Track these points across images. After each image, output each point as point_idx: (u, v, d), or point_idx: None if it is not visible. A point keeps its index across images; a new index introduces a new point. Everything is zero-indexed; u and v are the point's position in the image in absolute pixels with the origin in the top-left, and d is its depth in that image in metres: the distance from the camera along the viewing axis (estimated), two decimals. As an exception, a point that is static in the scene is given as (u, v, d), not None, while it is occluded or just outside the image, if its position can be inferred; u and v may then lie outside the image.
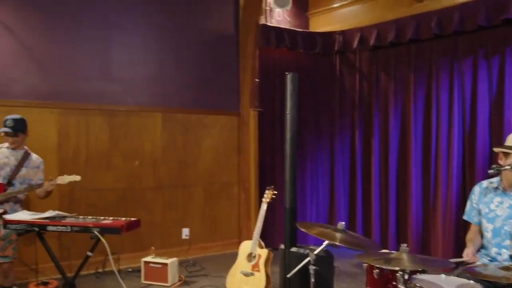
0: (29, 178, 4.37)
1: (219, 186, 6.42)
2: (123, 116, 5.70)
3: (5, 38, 5.01)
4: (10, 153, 4.32)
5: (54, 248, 4.27)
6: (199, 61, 6.23)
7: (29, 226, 3.70)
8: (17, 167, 4.30)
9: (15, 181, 4.29)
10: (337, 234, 3.05)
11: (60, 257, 4.36)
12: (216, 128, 6.39)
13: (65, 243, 5.14)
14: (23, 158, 4.35)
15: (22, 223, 3.70)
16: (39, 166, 4.47)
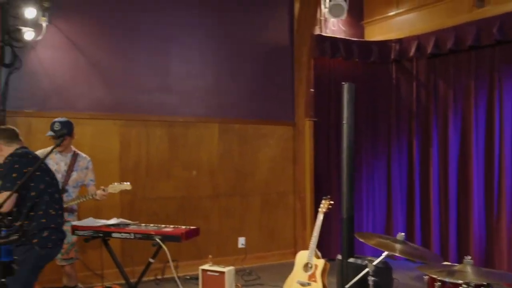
0: (81, 180, 4.39)
1: (275, 195, 6.47)
2: (182, 127, 5.86)
3: (73, 54, 5.30)
4: (59, 159, 4.32)
5: (117, 254, 4.41)
6: (255, 72, 6.33)
7: (95, 232, 3.87)
8: (68, 172, 4.30)
9: (68, 187, 4.30)
10: (396, 245, 3.01)
11: (123, 263, 4.49)
12: (272, 138, 6.45)
13: (127, 249, 5.32)
14: (71, 161, 4.33)
15: (89, 229, 3.88)
16: (87, 166, 4.44)
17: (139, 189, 5.56)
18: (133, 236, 3.80)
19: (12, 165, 3.10)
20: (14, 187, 3.01)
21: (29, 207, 3.14)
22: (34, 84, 5.12)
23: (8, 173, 3.08)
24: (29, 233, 3.11)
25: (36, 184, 3.18)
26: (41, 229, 3.17)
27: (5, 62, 4.92)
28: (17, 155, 3.20)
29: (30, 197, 3.14)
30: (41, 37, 5.05)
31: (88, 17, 5.40)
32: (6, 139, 3.28)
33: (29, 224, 3.13)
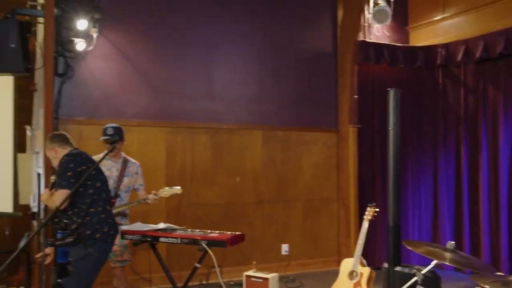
0: (131, 185, 4.49)
1: (319, 202, 6.44)
2: (226, 134, 5.94)
3: (121, 64, 5.48)
4: (110, 165, 4.42)
5: (162, 258, 4.47)
6: (298, 79, 6.35)
7: (143, 237, 3.96)
8: (119, 178, 4.41)
9: (120, 192, 4.41)
10: (446, 254, 2.94)
11: (168, 268, 4.54)
12: (315, 144, 6.44)
13: (172, 254, 5.42)
14: (122, 167, 4.44)
15: (137, 233, 3.97)
16: (137, 171, 4.54)
17: (184, 195, 5.62)
18: (180, 241, 3.86)
19: (68, 165, 3.24)
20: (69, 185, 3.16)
21: (88, 204, 3.26)
22: (85, 92, 5.31)
23: (63, 172, 3.22)
24: (91, 228, 3.23)
25: (93, 182, 3.32)
26: (102, 224, 3.29)
27: (58, 72, 5.12)
28: (72, 154, 3.35)
29: (88, 194, 3.27)
30: (91, 48, 5.25)
31: (136, 27, 5.57)
32: (60, 142, 3.46)
33: (90, 219, 3.25)
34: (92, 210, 3.27)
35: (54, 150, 3.42)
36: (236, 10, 6.05)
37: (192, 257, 5.39)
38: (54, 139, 3.48)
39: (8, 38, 4.48)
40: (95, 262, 3.28)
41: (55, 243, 2.81)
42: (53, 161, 3.44)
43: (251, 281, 5.13)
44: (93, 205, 3.29)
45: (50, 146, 3.44)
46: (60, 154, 3.39)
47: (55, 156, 3.41)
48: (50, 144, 3.45)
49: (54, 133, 3.62)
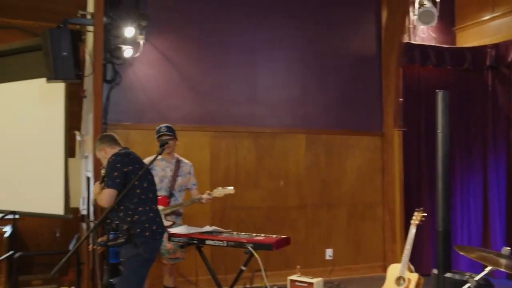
0: (184, 184, 4.61)
1: (363, 206, 6.36)
2: (269, 137, 5.95)
3: (167, 69, 5.59)
4: (165, 165, 4.53)
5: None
6: (341, 82, 6.31)
7: (190, 239, 4.01)
8: (173, 178, 4.52)
9: (174, 191, 4.53)
10: (501, 260, 2.84)
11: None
12: (359, 148, 6.36)
13: (216, 257, 5.46)
14: (176, 167, 4.55)
15: (184, 236, 4.03)
16: (190, 171, 4.65)
17: (228, 199, 5.66)
18: (226, 243, 3.89)
19: (115, 165, 3.33)
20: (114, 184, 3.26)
21: (136, 203, 3.34)
22: (131, 98, 5.44)
23: (110, 172, 3.31)
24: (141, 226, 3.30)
25: (140, 183, 3.39)
26: (150, 222, 3.37)
27: (106, 78, 5.27)
28: (119, 155, 3.44)
29: (135, 194, 3.35)
30: (138, 54, 5.38)
31: (181, 33, 5.68)
32: (109, 143, 3.56)
33: (139, 218, 3.32)
34: (140, 209, 3.35)
35: (104, 151, 3.53)
36: (280, 15, 6.07)
37: (236, 260, 5.44)
38: (103, 139, 3.59)
39: (60, 46, 4.64)
40: (145, 261, 3.35)
41: (107, 244, 2.89)
42: (103, 161, 3.55)
43: (296, 286, 5.10)
44: (141, 204, 3.37)
45: (100, 147, 3.55)
46: (110, 154, 3.49)
47: (105, 156, 3.51)
48: (100, 145, 3.56)
49: (103, 134, 3.74)
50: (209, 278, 4.42)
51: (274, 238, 3.91)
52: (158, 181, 4.31)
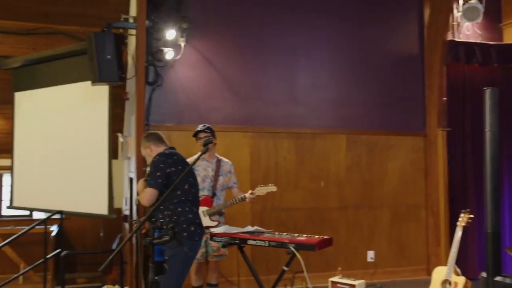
0: (226, 184, 4.67)
1: (406, 208, 6.23)
2: (309, 138, 5.92)
3: (207, 71, 5.64)
4: (206, 165, 4.60)
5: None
6: (383, 82, 6.21)
7: (232, 239, 4.02)
8: (215, 177, 4.59)
9: (216, 191, 4.59)
10: (556, 263, 2.72)
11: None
12: (401, 149, 6.25)
13: (257, 258, 5.45)
14: (217, 167, 4.62)
15: (226, 236, 4.04)
16: (230, 170, 4.71)
17: (268, 199, 5.70)
18: (268, 243, 3.87)
19: (158, 164, 3.37)
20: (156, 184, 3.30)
21: (175, 204, 3.38)
22: (173, 100, 5.52)
23: (153, 171, 3.35)
24: (179, 227, 3.34)
25: (181, 184, 3.43)
26: (189, 223, 3.41)
27: (148, 80, 5.37)
28: (164, 155, 3.47)
29: (176, 195, 3.39)
30: (179, 56, 5.45)
31: (221, 35, 5.72)
32: (155, 141, 3.61)
33: (178, 218, 3.37)
34: (179, 209, 3.38)
35: (149, 149, 3.57)
36: (320, 14, 6.04)
37: (277, 261, 5.43)
38: (149, 138, 3.63)
39: (105, 50, 4.76)
40: (187, 259, 3.39)
41: (153, 242, 2.92)
42: (148, 158, 3.59)
43: (337, 287, 5.06)
44: (181, 205, 3.40)
45: (146, 145, 3.59)
46: (155, 152, 3.54)
47: (150, 154, 3.56)
48: (146, 142, 3.60)
49: (149, 132, 3.77)
50: (250, 279, 4.43)
51: (316, 238, 3.87)
52: (200, 181, 4.36)
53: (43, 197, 6.22)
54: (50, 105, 6.17)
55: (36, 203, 6.39)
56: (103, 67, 4.84)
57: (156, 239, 2.91)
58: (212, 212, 4.51)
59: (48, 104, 6.20)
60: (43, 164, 6.23)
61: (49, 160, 6.17)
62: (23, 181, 6.56)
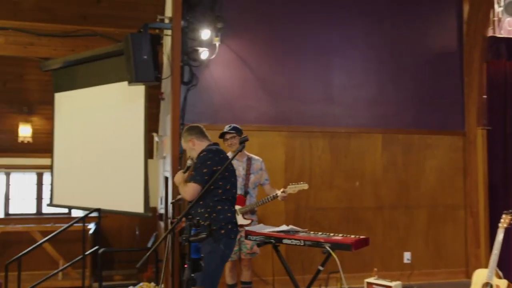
0: (257, 181, 4.68)
1: (443, 209, 6.09)
2: (344, 137, 5.86)
3: (242, 70, 5.65)
4: (237, 164, 4.58)
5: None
6: (419, 80, 6.10)
7: (267, 238, 4.00)
8: (247, 176, 4.61)
9: (248, 189, 4.62)
10: None
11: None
12: (439, 148, 6.11)
13: (291, 257, 5.43)
14: (247, 165, 4.64)
15: (261, 235, 4.03)
16: (261, 167, 4.71)
17: (302, 199, 5.68)
18: (303, 243, 3.84)
19: (206, 161, 3.37)
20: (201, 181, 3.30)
21: (216, 201, 3.40)
22: (207, 99, 5.55)
23: (200, 167, 3.35)
24: (217, 224, 3.36)
25: (224, 183, 3.45)
26: (227, 222, 3.43)
27: (184, 80, 5.42)
28: (211, 151, 3.47)
29: (217, 193, 3.40)
30: (214, 56, 5.48)
31: (255, 34, 5.72)
32: (197, 135, 3.61)
33: (217, 216, 3.39)
34: (219, 207, 3.40)
35: (191, 142, 3.58)
36: (354, 12, 5.97)
37: (311, 261, 5.39)
38: (192, 131, 3.63)
39: (141, 50, 4.84)
40: (223, 257, 3.41)
41: (189, 239, 2.94)
42: (190, 152, 3.58)
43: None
44: (221, 203, 3.42)
45: (188, 138, 3.59)
46: (198, 146, 3.55)
47: (192, 147, 3.56)
48: (188, 136, 3.60)
49: (191, 126, 3.74)
50: (284, 279, 4.40)
51: (352, 238, 3.82)
52: None
53: (81, 195, 6.36)
54: (88, 105, 6.30)
55: (75, 201, 6.54)
56: (140, 67, 4.91)
57: (193, 237, 2.93)
58: (245, 211, 4.53)
59: (86, 104, 6.34)
60: (82, 163, 6.38)
61: (87, 159, 6.30)
62: (63, 180, 6.73)
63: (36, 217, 9.51)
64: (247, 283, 4.71)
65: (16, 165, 9.27)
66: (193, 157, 3.58)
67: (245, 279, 4.69)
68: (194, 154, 3.56)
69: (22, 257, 5.38)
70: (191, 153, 3.60)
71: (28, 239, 7.84)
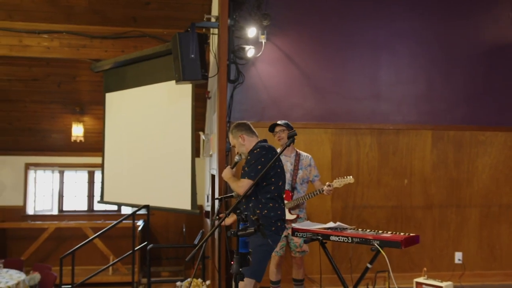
0: (305, 177, 4.65)
1: (498, 208, 5.87)
2: (392, 134, 5.75)
3: (288, 68, 5.64)
4: (284, 160, 4.58)
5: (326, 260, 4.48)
6: (472, 75, 5.91)
7: (314, 235, 3.99)
8: (294, 171, 4.59)
9: (296, 185, 4.61)
10: None
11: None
12: (492, 145, 5.90)
13: (338, 255, 5.38)
14: (296, 161, 4.62)
15: (308, 231, 4.02)
16: (310, 163, 4.68)
17: (349, 197, 5.62)
18: (351, 240, 3.80)
19: (260, 158, 3.39)
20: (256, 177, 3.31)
21: (268, 199, 3.42)
22: (254, 96, 5.57)
23: (255, 163, 3.37)
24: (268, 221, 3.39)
25: (276, 180, 3.47)
26: (277, 219, 3.45)
27: (230, 78, 5.46)
28: (265, 148, 3.49)
29: (270, 190, 3.42)
30: (260, 54, 5.50)
31: (301, 31, 5.69)
32: (247, 131, 3.65)
33: (268, 213, 3.40)
34: (270, 205, 3.42)
35: (241, 138, 3.60)
36: (402, 7, 5.84)
37: (358, 259, 5.34)
38: (241, 127, 3.66)
39: (189, 49, 4.91)
40: (270, 251, 3.44)
41: (237, 234, 2.97)
42: (240, 148, 3.60)
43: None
44: (272, 201, 3.44)
45: (238, 134, 3.61)
46: (247, 142, 3.57)
47: (242, 143, 3.58)
48: (237, 132, 3.62)
49: (239, 122, 3.76)
50: (331, 277, 4.38)
51: (402, 236, 3.73)
52: None
53: (130, 192, 6.53)
54: (137, 104, 6.46)
55: (124, 199, 6.72)
56: (187, 66, 4.99)
57: (241, 231, 2.95)
58: (291, 206, 4.52)
59: (135, 104, 6.49)
60: (131, 161, 6.54)
61: (136, 157, 6.46)
62: (112, 178, 6.93)
63: (87, 214, 9.86)
64: (299, 280, 4.70)
65: (69, 164, 9.64)
66: (243, 152, 3.60)
67: (297, 277, 4.68)
68: (244, 149, 3.59)
69: (75, 252, 5.58)
70: (241, 149, 3.62)
71: (80, 235, 8.14)
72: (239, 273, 2.96)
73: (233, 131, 3.67)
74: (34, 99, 8.36)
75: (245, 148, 3.58)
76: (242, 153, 3.60)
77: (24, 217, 9.19)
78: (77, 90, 8.35)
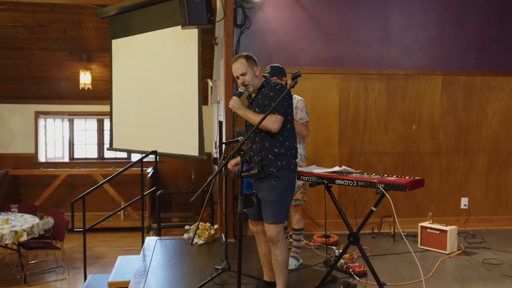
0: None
1: (506, 154, 5.85)
2: (401, 80, 5.67)
3: (295, 12, 5.51)
4: None
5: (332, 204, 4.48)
6: (485, 19, 5.74)
7: (319, 178, 3.98)
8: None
9: None
10: None
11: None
12: (504, 90, 5.81)
13: (344, 201, 5.43)
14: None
15: (313, 175, 4.03)
16: (297, 105, 4.36)
17: (357, 142, 5.62)
18: (356, 183, 3.79)
19: (284, 95, 3.26)
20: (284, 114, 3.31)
21: (285, 137, 3.41)
22: (261, 41, 5.48)
23: (282, 101, 3.25)
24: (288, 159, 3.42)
25: (291, 118, 3.47)
26: (294, 157, 3.49)
27: (237, 22, 5.36)
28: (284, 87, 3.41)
29: (286, 128, 3.40)
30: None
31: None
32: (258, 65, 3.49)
33: (285, 151, 3.40)
34: (288, 143, 3.42)
35: (257, 70, 3.46)
36: None
37: (363, 204, 5.37)
38: (254, 60, 3.47)
39: (194, -8, 4.80)
40: (293, 191, 3.57)
41: (241, 175, 3.00)
42: (252, 79, 3.41)
43: (427, 233, 4.92)
44: (289, 138, 3.44)
45: (253, 65, 3.41)
46: (260, 77, 3.45)
47: (257, 75, 3.45)
48: (253, 63, 3.41)
49: (251, 55, 3.52)
50: (337, 222, 4.41)
51: (407, 179, 3.73)
52: None
53: (138, 139, 6.58)
54: (144, 51, 6.40)
55: (133, 145, 6.78)
56: (193, 10, 4.90)
57: (244, 172, 2.98)
58: None
59: (142, 50, 6.43)
60: (138, 108, 6.56)
61: (143, 104, 6.47)
62: (121, 125, 6.97)
63: (98, 161, 9.99)
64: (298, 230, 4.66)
65: (79, 112, 9.70)
66: (253, 84, 3.45)
67: (293, 226, 4.61)
68: (256, 82, 3.44)
69: (86, 196, 5.68)
70: (253, 81, 3.45)
71: (91, 182, 8.27)
72: (243, 214, 3.01)
73: (250, 60, 3.46)
74: (41, 46, 8.31)
75: (257, 81, 3.45)
76: (252, 85, 3.46)
77: (36, 164, 9.34)
78: (83, 37, 8.27)
